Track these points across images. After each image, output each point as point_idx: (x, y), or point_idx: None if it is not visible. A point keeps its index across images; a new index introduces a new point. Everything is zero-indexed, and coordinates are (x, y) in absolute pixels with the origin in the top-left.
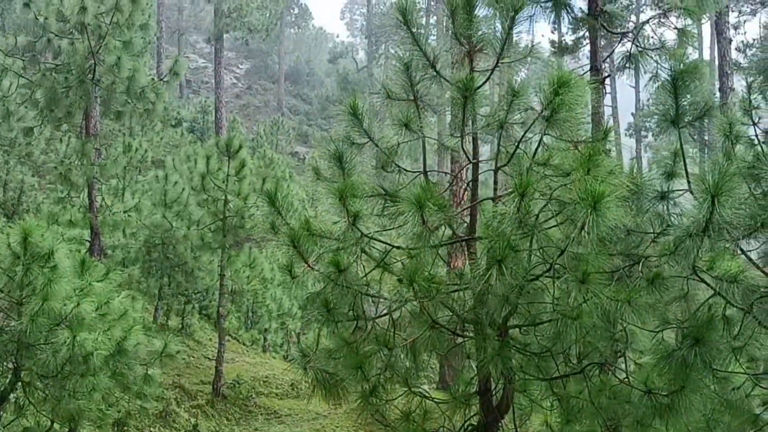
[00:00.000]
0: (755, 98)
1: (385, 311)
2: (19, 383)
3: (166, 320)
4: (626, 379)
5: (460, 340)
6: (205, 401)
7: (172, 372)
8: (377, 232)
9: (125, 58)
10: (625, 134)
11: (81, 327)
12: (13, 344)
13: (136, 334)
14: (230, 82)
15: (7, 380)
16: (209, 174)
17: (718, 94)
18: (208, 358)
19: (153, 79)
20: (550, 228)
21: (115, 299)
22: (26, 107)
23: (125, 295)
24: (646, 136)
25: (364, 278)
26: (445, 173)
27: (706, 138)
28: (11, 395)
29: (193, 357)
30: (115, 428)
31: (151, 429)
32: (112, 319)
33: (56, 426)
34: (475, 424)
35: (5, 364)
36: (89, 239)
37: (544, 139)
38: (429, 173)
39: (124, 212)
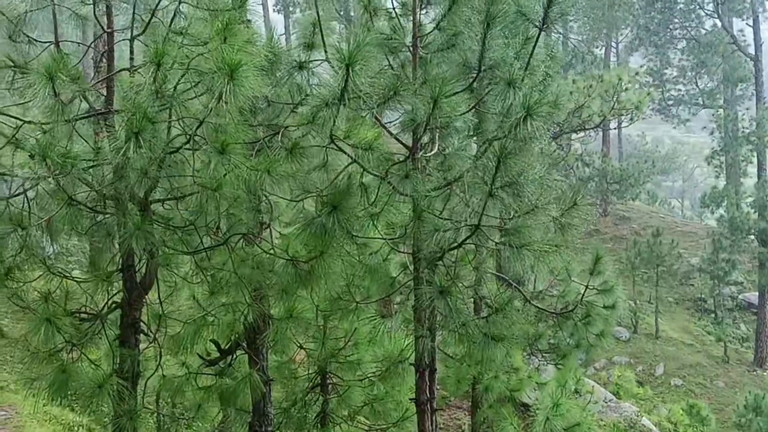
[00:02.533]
0: None
1: (19, 190)
2: None
3: None
4: (271, 250)
5: (101, 217)
6: None
7: None
8: (7, 107)
9: None
10: (273, 10)
11: None
12: None
13: None
14: None
15: None
16: None
17: None
18: None
19: None
20: (189, 99)
21: None
22: None
23: None
24: (294, 12)
25: None
26: (79, 44)
27: (353, 14)
28: None
29: None
30: None
31: None
32: None
33: None
34: (119, 301)
35: None
36: None
37: (182, 7)
38: (64, 44)
39: None
